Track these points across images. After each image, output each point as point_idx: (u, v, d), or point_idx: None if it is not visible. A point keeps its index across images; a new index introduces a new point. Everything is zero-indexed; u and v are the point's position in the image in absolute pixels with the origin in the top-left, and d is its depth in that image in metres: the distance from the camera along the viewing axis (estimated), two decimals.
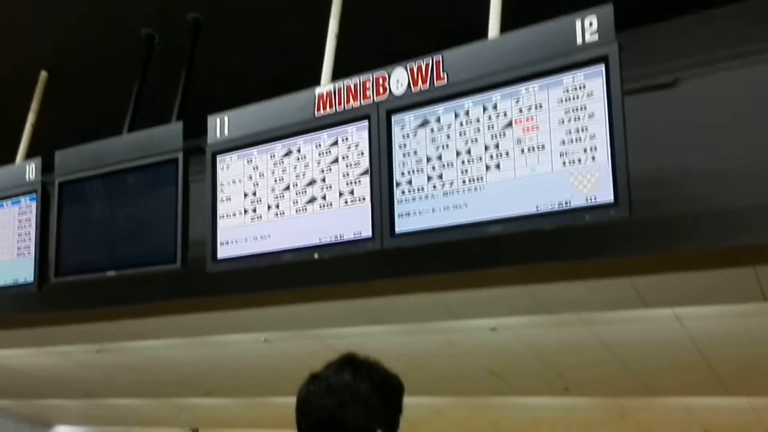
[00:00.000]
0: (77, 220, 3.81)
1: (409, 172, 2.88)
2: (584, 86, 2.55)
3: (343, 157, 3.04)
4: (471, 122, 2.77)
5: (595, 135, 2.51)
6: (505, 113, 2.70)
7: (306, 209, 3.12)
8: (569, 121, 2.57)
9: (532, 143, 2.63)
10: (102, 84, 4.42)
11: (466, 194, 2.75)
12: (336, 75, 3.23)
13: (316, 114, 3.12)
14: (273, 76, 3.83)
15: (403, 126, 2.91)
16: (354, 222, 2.97)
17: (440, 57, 2.85)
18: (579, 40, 2.57)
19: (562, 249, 3.20)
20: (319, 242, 3.06)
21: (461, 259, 3.45)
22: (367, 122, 2.99)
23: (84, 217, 3.79)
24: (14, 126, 4.31)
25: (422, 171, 2.85)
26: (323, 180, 3.08)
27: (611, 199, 2.46)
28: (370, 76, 3.00)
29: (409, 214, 2.86)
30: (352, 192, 3.00)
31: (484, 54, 2.78)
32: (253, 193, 3.27)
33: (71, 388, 9.57)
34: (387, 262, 3.54)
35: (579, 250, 3.18)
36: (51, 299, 4.43)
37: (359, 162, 3.00)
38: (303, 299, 4.66)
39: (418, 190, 2.85)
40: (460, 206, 2.76)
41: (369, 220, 2.94)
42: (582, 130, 2.54)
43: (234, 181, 3.34)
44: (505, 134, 2.70)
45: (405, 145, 2.90)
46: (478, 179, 2.73)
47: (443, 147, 2.82)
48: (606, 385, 7.12)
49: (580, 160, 2.53)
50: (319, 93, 3.14)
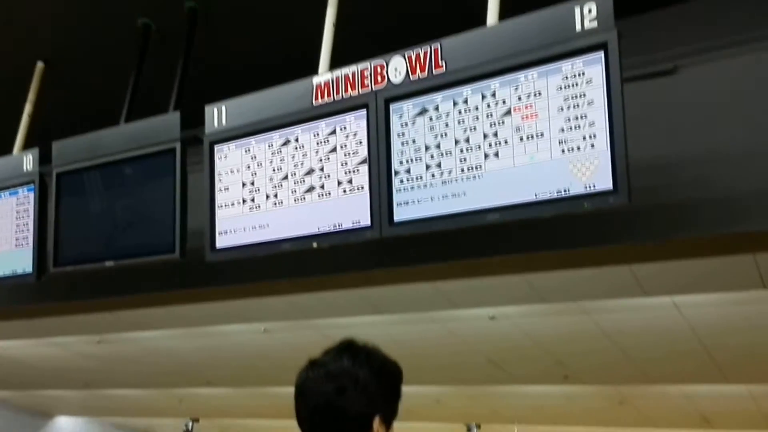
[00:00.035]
0: (75, 210, 3.81)
1: (407, 161, 2.87)
2: (583, 73, 2.54)
3: (342, 146, 3.03)
4: (469, 110, 2.76)
5: (594, 122, 2.51)
6: (504, 101, 2.69)
7: (304, 198, 3.11)
8: (568, 109, 2.56)
9: (531, 131, 2.63)
10: (99, 74, 4.41)
11: (464, 182, 2.75)
12: (334, 64, 3.21)
13: (314, 103, 3.11)
14: (270, 66, 3.81)
15: (402, 115, 2.90)
16: (352, 211, 2.97)
17: (438, 45, 2.84)
18: (578, 27, 2.56)
19: (561, 237, 3.20)
20: (317, 231, 3.06)
21: (460, 247, 3.45)
22: (365, 111, 2.98)
23: (82, 207, 3.78)
24: (11, 117, 4.30)
25: (421, 159, 2.85)
26: (321, 169, 3.07)
27: (610, 186, 2.46)
28: (368, 65, 2.99)
29: (407, 203, 2.85)
30: (350, 181, 2.99)
31: (482, 41, 2.77)
32: (252, 183, 3.26)
33: (71, 378, 9.57)
34: (386, 251, 3.54)
35: (578, 238, 3.18)
36: (50, 290, 4.43)
37: (357, 151, 2.99)
38: (302, 289, 4.65)
39: (417, 179, 2.84)
40: (458, 194, 2.75)
41: (368, 209, 2.93)
42: (581, 117, 2.53)
43: (232, 171, 3.33)
44: (503, 122, 2.69)
45: (403, 133, 2.89)
46: (476, 167, 2.72)
47: (442, 135, 2.81)
48: (605, 373, 7.12)
49: (579, 148, 2.52)
50: (317, 82, 3.13)
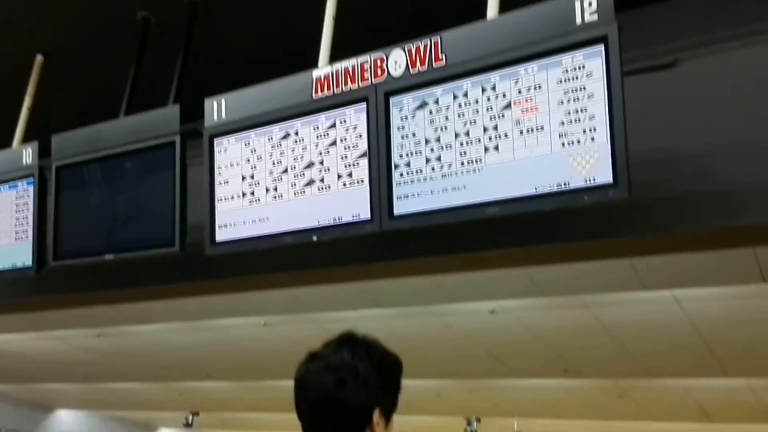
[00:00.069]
0: (75, 203, 3.81)
1: (407, 154, 2.87)
2: (583, 66, 2.54)
3: (342, 140, 3.02)
4: (470, 104, 2.76)
5: (594, 115, 2.50)
6: (504, 94, 2.69)
7: (304, 192, 3.11)
8: (568, 102, 2.55)
9: (531, 124, 2.62)
10: (98, 67, 4.40)
11: (464, 176, 2.74)
12: (334, 57, 3.21)
13: (314, 96, 3.11)
14: (270, 59, 3.80)
15: (402, 108, 2.90)
16: (352, 204, 2.97)
17: (439, 38, 2.83)
18: (578, 20, 2.56)
19: (561, 231, 3.19)
20: (317, 225, 3.06)
21: (460, 241, 3.44)
22: (365, 104, 2.97)
23: (81, 200, 3.78)
24: (11, 110, 4.29)
25: (421, 153, 2.84)
26: (321, 162, 3.07)
27: (610, 179, 2.46)
28: (368, 58, 2.98)
29: (407, 196, 2.85)
30: (350, 174, 2.99)
31: (482, 35, 2.76)
32: (251, 176, 3.26)
33: (71, 372, 9.59)
34: (385, 245, 3.53)
35: (578, 231, 3.17)
36: (49, 283, 4.43)
37: (357, 144, 2.98)
38: (301, 282, 4.65)
39: (417, 172, 2.84)
40: (458, 188, 2.75)
41: (367, 203, 2.93)
42: (581, 110, 2.52)
43: (232, 164, 3.32)
44: (503, 115, 2.68)
45: (403, 127, 2.89)
46: (476, 161, 2.72)
47: (442, 129, 2.81)
48: (605, 367, 7.13)
49: (579, 141, 2.52)
50: (316, 75, 3.12)
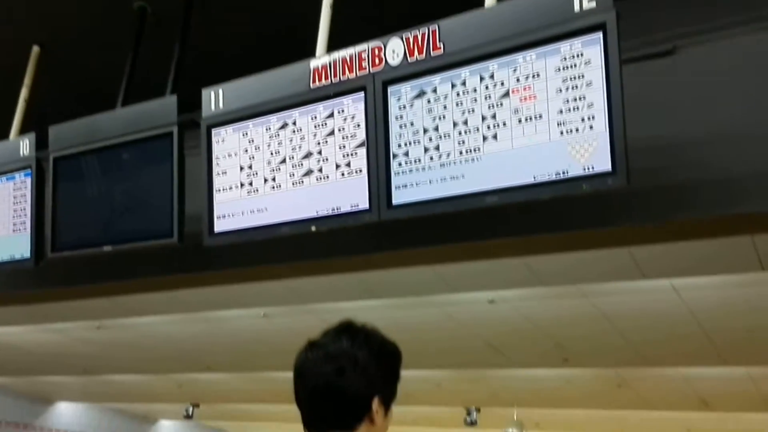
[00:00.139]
0: (73, 195, 3.80)
1: (405, 144, 2.86)
2: (582, 54, 2.53)
3: (339, 129, 3.01)
4: (468, 92, 2.75)
5: (592, 104, 2.49)
6: (503, 83, 2.68)
7: (302, 182, 3.10)
8: (567, 90, 2.55)
9: (530, 113, 2.61)
10: (95, 58, 4.38)
11: (463, 165, 2.74)
12: (331, 46, 3.19)
13: (312, 86, 3.10)
14: (267, 48, 3.79)
15: (400, 97, 2.89)
16: (351, 194, 2.96)
17: (436, 26, 2.82)
18: (576, 8, 2.54)
19: (560, 219, 3.19)
20: (316, 215, 3.05)
21: (459, 230, 3.44)
22: (363, 94, 2.96)
23: (79, 192, 3.77)
24: (7, 101, 4.28)
25: (419, 142, 2.83)
26: (319, 152, 3.06)
27: (609, 168, 2.45)
28: (366, 47, 2.97)
29: (406, 186, 2.84)
30: (348, 164, 2.98)
31: (480, 23, 2.75)
32: (249, 167, 3.25)
33: (70, 364, 9.59)
34: (384, 235, 3.53)
35: (577, 220, 3.17)
36: (48, 275, 4.42)
37: (355, 134, 2.97)
38: (300, 273, 4.65)
39: (415, 162, 2.83)
40: (457, 177, 2.75)
41: (366, 192, 2.92)
42: (580, 98, 2.52)
43: (230, 155, 3.31)
44: (502, 104, 2.67)
45: (401, 116, 2.88)
46: (475, 150, 2.71)
47: (440, 118, 2.80)
48: (604, 356, 7.14)
49: (577, 129, 2.51)
50: (314, 65, 3.11)
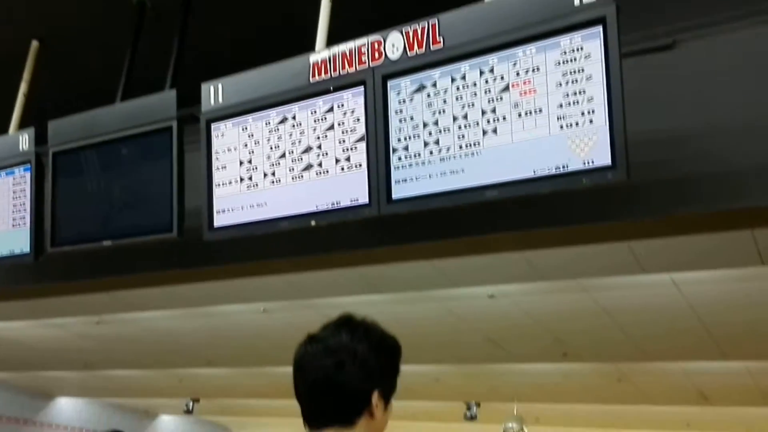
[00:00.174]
0: (72, 190, 3.79)
1: (405, 138, 2.86)
2: (582, 48, 2.52)
3: (339, 124, 3.01)
4: (467, 86, 2.74)
5: (592, 98, 2.49)
6: (502, 77, 2.67)
7: (302, 176, 3.10)
8: (567, 84, 2.54)
9: (530, 107, 2.61)
10: (94, 53, 4.38)
11: (462, 159, 2.73)
12: (331, 41, 3.19)
13: (311, 80, 3.09)
14: (267, 43, 3.78)
15: (399, 91, 2.88)
16: (351, 188, 2.96)
17: (436, 20, 2.81)
18: (576, 2, 2.54)
19: (560, 214, 3.19)
20: (315, 209, 3.05)
21: (458, 225, 3.44)
22: (362, 88, 2.96)
23: (79, 186, 3.77)
24: (7, 96, 4.27)
25: (419, 137, 2.83)
26: (319, 147, 3.06)
27: (609, 162, 2.45)
28: (366, 41, 2.96)
29: (405, 180, 2.84)
30: (348, 158, 2.98)
31: (480, 17, 2.75)
32: (249, 161, 3.25)
33: (70, 359, 9.59)
34: (384, 229, 3.53)
35: (576, 214, 3.17)
36: (47, 270, 4.42)
37: (355, 128, 2.97)
38: (300, 268, 4.65)
39: (415, 156, 2.83)
40: (456, 171, 2.74)
41: (366, 187, 2.92)
42: (580, 92, 2.51)
43: (229, 149, 3.31)
44: (502, 98, 2.67)
45: (401, 110, 2.88)
46: (474, 144, 2.71)
47: (440, 112, 2.80)
48: (604, 351, 7.15)
49: (577, 123, 2.51)
50: (314, 59, 3.10)
